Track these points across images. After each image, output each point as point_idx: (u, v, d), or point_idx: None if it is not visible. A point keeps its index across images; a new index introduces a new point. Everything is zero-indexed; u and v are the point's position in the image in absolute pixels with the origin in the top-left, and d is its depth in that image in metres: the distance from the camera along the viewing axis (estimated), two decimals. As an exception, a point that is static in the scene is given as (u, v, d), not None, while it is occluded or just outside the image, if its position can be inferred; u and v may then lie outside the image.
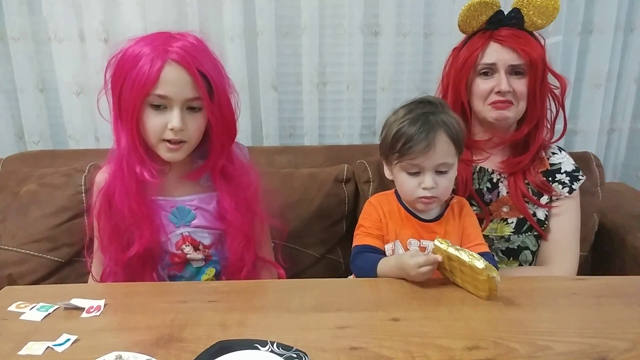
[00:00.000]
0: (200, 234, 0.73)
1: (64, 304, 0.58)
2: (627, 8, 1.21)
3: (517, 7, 0.78)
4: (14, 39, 1.15)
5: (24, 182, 0.98)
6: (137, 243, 0.68)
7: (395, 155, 0.68)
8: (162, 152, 0.67)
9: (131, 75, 0.63)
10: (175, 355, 0.49)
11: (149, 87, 0.62)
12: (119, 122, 0.67)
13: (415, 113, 0.68)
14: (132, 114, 0.64)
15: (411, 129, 0.66)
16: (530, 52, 0.75)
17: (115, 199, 0.68)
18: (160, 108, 0.65)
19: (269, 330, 0.53)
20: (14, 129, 1.23)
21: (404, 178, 0.68)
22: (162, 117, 0.65)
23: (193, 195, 0.73)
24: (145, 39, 0.66)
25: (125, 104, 0.65)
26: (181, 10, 1.14)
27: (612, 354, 0.48)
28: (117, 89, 0.65)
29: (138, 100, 0.63)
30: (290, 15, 1.18)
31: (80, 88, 1.18)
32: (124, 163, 0.67)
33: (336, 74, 1.22)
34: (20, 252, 0.92)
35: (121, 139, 0.67)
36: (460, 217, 0.73)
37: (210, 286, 0.66)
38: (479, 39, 0.78)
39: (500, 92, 0.76)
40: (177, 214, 0.73)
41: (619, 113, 1.30)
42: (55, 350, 0.50)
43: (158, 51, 0.63)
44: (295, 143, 1.27)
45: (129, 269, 0.69)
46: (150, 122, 0.65)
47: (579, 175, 0.84)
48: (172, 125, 0.64)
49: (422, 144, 0.65)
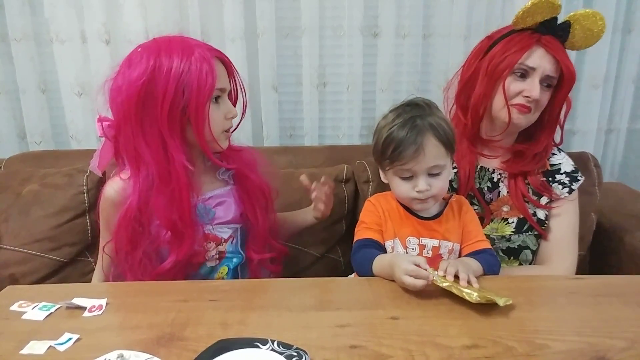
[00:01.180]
0: (219, 229, 0.74)
1: (66, 303, 0.59)
2: (625, 9, 1.22)
3: (570, 20, 0.76)
4: (16, 40, 1.15)
5: (26, 182, 0.99)
6: (175, 252, 0.68)
7: (387, 161, 0.68)
8: (223, 142, 0.71)
9: (188, 80, 0.64)
10: (176, 354, 0.49)
11: (214, 83, 0.66)
12: (169, 134, 0.65)
13: (403, 117, 0.67)
14: (203, 114, 0.66)
15: (400, 134, 0.66)
16: (570, 66, 0.75)
17: (156, 214, 0.67)
18: (218, 101, 0.69)
19: (270, 328, 0.54)
20: (16, 129, 1.24)
21: (398, 182, 0.69)
22: (221, 109, 0.69)
23: (210, 192, 0.75)
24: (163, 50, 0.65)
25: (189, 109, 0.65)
26: (182, 11, 1.15)
27: (610, 352, 0.49)
28: (166, 102, 0.64)
29: (206, 99, 0.66)
30: (291, 17, 1.19)
31: (82, 89, 1.19)
32: (180, 172, 0.66)
33: (336, 75, 1.23)
34: (22, 251, 0.93)
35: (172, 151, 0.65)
36: (460, 215, 0.74)
37: (211, 285, 0.66)
38: (527, 38, 0.75)
39: (530, 97, 0.75)
40: (199, 213, 0.73)
41: (617, 113, 1.31)
42: (57, 349, 0.50)
43: (197, 52, 0.65)
44: (295, 143, 1.28)
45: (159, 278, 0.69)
46: (215, 115, 0.68)
47: (577, 175, 0.85)
48: (233, 114, 0.70)
49: (410, 149, 0.65)
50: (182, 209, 0.67)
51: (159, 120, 0.65)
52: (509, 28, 0.79)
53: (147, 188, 0.67)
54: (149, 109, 0.65)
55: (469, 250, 0.71)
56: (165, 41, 0.67)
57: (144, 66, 0.64)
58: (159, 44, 0.66)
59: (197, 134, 0.66)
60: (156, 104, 0.64)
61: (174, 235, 0.68)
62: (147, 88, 0.64)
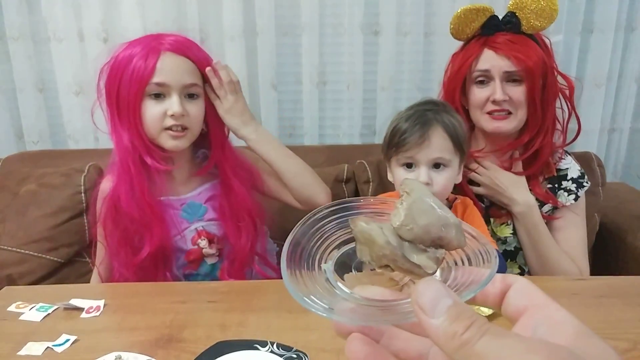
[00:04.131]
0: (213, 226, 0.74)
1: (64, 304, 0.58)
2: (628, 7, 1.21)
3: (512, 10, 0.75)
4: (13, 39, 1.14)
5: (24, 182, 0.98)
6: (147, 244, 0.68)
7: (392, 150, 0.68)
8: (165, 141, 0.67)
9: (127, 72, 0.64)
10: (174, 356, 0.48)
11: (147, 78, 0.64)
12: (118, 122, 0.67)
13: (414, 110, 0.68)
14: (134, 107, 0.65)
15: (407, 122, 0.66)
16: (524, 59, 0.72)
17: (121, 202, 0.68)
18: (160, 97, 0.66)
19: (269, 330, 0.53)
20: (13, 128, 1.23)
21: (400, 173, 0.68)
22: (161, 106, 0.66)
23: (199, 188, 0.74)
24: (134, 41, 0.67)
25: (124, 100, 0.65)
26: (181, 9, 1.14)
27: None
28: (114, 90, 0.66)
29: (138, 93, 0.64)
30: (290, 15, 1.18)
31: (79, 88, 1.18)
32: (129, 161, 0.67)
33: (336, 73, 1.22)
34: (19, 252, 0.92)
35: (122, 138, 0.67)
36: (464, 217, 0.73)
37: (209, 286, 0.66)
38: (474, 45, 0.77)
39: (495, 101, 0.74)
40: (189, 210, 0.73)
41: (620, 113, 1.30)
42: (55, 350, 0.50)
43: (151, 46, 0.65)
44: (295, 143, 1.27)
45: (141, 272, 0.69)
46: (149, 111, 0.66)
47: (584, 182, 0.83)
48: (173, 111, 0.65)
49: (415, 135, 0.65)
50: (140, 201, 0.67)
51: (113, 109, 0.67)
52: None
53: (117, 177, 0.69)
54: (110, 98, 0.67)
55: None
56: (144, 36, 0.68)
57: (111, 57, 0.67)
58: (137, 38, 0.68)
59: (129, 128, 0.66)
60: (110, 94, 0.67)
61: (142, 226, 0.68)
62: (108, 77, 0.67)
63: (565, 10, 1.20)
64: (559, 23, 1.18)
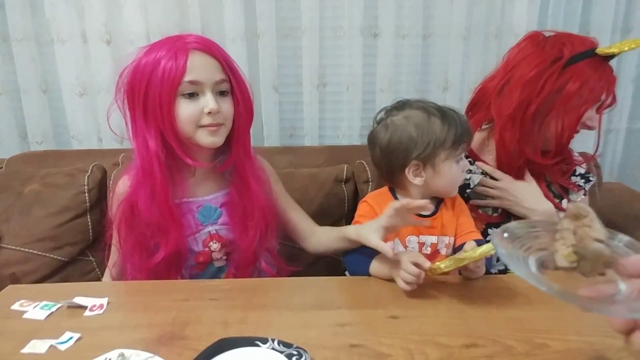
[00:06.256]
0: (226, 230, 0.74)
1: (67, 303, 0.59)
2: (624, 9, 1.22)
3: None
4: (17, 40, 1.15)
5: (28, 182, 0.99)
6: (163, 248, 0.68)
7: (449, 148, 0.67)
8: (203, 138, 0.67)
9: (156, 74, 0.63)
10: (177, 353, 0.49)
11: (179, 77, 0.63)
12: (144, 126, 0.66)
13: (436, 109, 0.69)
14: (167, 108, 0.64)
15: (454, 121, 0.68)
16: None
17: (140, 207, 0.67)
18: (193, 96, 0.65)
19: (270, 327, 0.54)
20: (17, 129, 1.24)
21: (454, 168, 0.70)
22: (196, 104, 0.65)
23: (217, 193, 0.74)
24: (155, 45, 0.66)
25: (153, 102, 0.64)
26: (183, 12, 1.15)
27: (610, 352, 0.49)
28: (140, 95, 0.65)
29: (171, 93, 0.64)
30: (291, 17, 1.19)
31: (83, 89, 1.19)
32: (154, 165, 0.66)
33: (336, 75, 1.23)
34: (23, 251, 0.93)
35: (148, 141, 0.66)
36: (454, 209, 0.75)
37: (211, 284, 0.66)
38: (607, 71, 0.72)
39: (592, 127, 0.75)
40: (204, 213, 0.73)
41: (616, 113, 1.31)
42: (58, 348, 0.50)
43: (177, 46, 0.64)
44: (295, 143, 1.28)
45: (154, 275, 0.69)
46: (184, 110, 0.65)
47: (590, 176, 0.83)
48: (210, 108, 0.65)
49: (468, 131, 0.69)
50: (161, 205, 0.67)
51: (139, 114, 0.66)
52: (574, 43, 0.72)
53: (136, 181, 0.69)
54: (133, 102, 0.66)
55: (463, 241, 0.71)
56: (165, 38, 0.67)
57: (134, 62, 0.66)
58: (157, 41, 0.67)
59: (164, 128, 0.65)
60: (137, 99, 0.65)
61: (159, 231, 0.68)
62: (132, 83, 0.66)
63: (562, 12, 1.21)
64: (555, 24, 1.20)
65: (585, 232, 0.35)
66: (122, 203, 0.70)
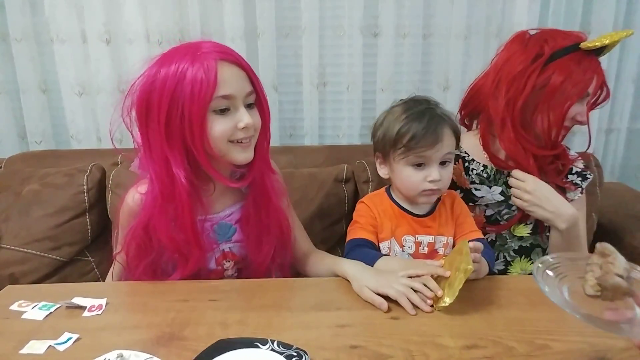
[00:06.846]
0: (239, 248, 0.71)
1: (66, 303, 0.59)
2: (625, 9, 1.22)
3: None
4: (17, 40, 1.15)
5: (27, 182, 0.99)
6: (180, 269, 0.65)
7: (401, 150, 0.67)
8: (236, 154, 0.62)
9: (182, 90, 0.57)
10: (176, 354, 0.49)
11: (211, 93, 0.57)
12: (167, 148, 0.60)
13: (416, 110, 0.68)
14: (198, 127, 0.58)
15: (419, 124, 0.66)
16: None
17: (158, 232, 0.63)
18: (225, 112, 0.60)
19: (269, 328, 0.54)
20: (16, 129, 1.24)
21: (409, 172, 0.68)
22: (230, 119, 0.60)
23: (232, 207, 0.70)
24: (170, 55, 0.60)
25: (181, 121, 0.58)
26: (182, 11, 1.15)
27: (610, 352, 0.49)
28: (161, 113, 0.58)
29: (203, 110, 0.58)
30: (291, 17, 1.19)
31: (82, 88, 1.19)
32: (179, 190, 0.60)
33: (336, 74, 1.23)
34: (22, 251, 0.93)
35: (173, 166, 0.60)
36: (452, 209, 0.74)
37: (211, 285, 0.66)
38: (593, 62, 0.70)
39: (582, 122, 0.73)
40: (219, 231, 0.69)
41: (617, 113, 1.31)
42: (57, 349, 0.50)
43: (200, 58, 0.58)
44: (295, 143, 1.28)
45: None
46: (218, 127, 0.59)
47: (587, 174, 0.83)
48: (245, 123, 0.60)
49: (431, 137, 0.66)
50: (185, 230, 0.63)
51: (158, 133, 0.60)
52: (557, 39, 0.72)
53: (152, 206, 0.63)
54: (150, 122, 0.60)
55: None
56: (177, 47, 0.62)
57: (147, 75, 0.60)
58: (169, 51, 0.61)
59: (194, 147, 0.60)
60: (154, 117, 0.59)
61: (179, 253, 0.65)
62: (148, 99, 0.60)
63: (562, 11, 1.21)
64: (555, 24, 1.19)
65: (609, 267, 0.43)
66: (135, 227, 0.64)
